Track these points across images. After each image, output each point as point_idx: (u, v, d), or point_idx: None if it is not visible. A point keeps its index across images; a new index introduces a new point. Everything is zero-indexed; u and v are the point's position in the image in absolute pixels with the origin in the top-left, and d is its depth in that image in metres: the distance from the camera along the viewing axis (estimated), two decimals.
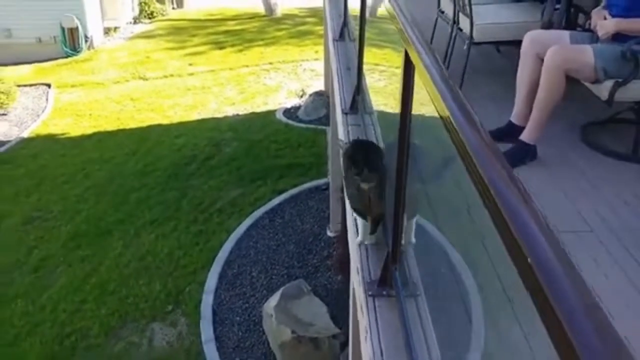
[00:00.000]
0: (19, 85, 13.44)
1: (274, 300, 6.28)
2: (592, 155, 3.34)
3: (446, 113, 1.26)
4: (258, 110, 11.79)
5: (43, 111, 12.66)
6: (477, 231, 2.95)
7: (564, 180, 3.11)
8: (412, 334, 1.98)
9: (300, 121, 11.00)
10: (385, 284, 2.17)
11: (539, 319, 0.75)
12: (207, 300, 6.77)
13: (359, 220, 2.43)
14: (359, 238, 2.42)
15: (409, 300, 2.13)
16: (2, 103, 12.53)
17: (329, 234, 7.77)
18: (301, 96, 11.90)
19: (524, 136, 3.29)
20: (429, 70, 1.50)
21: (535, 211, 0.88)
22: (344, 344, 5.43)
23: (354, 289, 2.72)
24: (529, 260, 0.79)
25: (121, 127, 11.69)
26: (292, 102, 11.85)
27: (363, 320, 2.14)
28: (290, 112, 11.47)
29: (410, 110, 1.76)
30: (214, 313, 6.60)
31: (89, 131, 11.66)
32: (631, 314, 2.16)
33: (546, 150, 3.33)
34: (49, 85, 13.68)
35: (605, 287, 2.26)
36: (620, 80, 3.04)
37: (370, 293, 2.16)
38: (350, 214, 2.65)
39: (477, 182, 1.03)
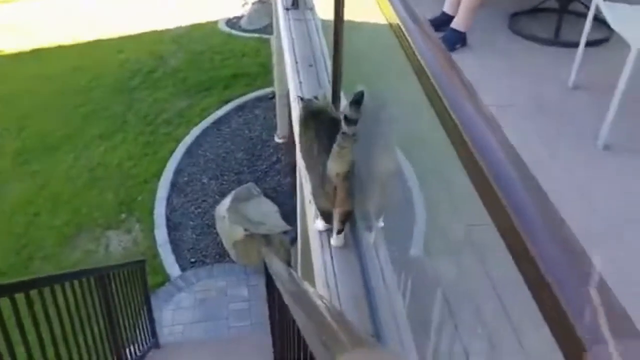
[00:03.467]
0: None
1: (225, 203, 6.48)
2: (518, 40, 3.57)
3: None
4: (200, 21, 11.63)
5: None
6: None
7: (491, 62, 3.35)
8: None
9: (244, 31, 10.94)
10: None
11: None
12: (160, 207, 6.95)
13: (318, 222, 2.16)
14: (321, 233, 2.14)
15: None
16: None
17: (277, 140, 7.94)
18: (243, 5, 11.75)
19: (455, 24, 3.49)
20: None
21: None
22: (295, 239, 5.71)
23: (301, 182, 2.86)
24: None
25: (61, 43, 11.41)
26: (235, 11, 11.70)
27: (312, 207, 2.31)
28: (233, 22, 11.36)
29: None
30: (167, 219, 6.80)
31: (29, 48, 11.35)
32: (546, 169, 2.44)
33: (476, 37, 3.55)
34: None
35: (524, 149, 2.53)
36: None
37: None
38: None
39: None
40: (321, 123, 1.98)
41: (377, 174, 2.16)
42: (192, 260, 6.34)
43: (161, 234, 6.61)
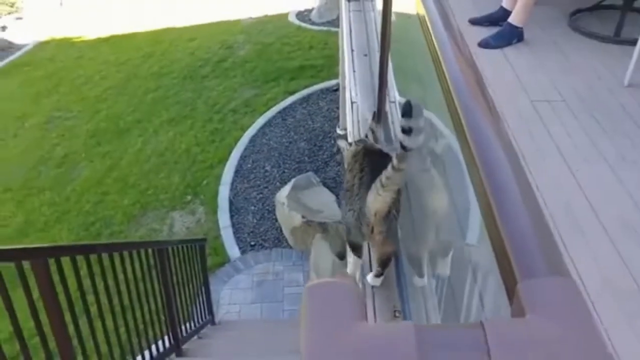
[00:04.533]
0: None
1: (285, 190, 6.65)
2: (577, 37, 3.57)
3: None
4: (271, 13, 11.85)
5: (57, 14, 12.80)
6: None
7: (547, 58, 3.36)
8: None
9: (313, 23, 11.09)
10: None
11: None
12: (224, 192, 7.18)
13: (351, 259, 2.02)
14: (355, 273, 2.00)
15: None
16: (13, 3, 12.70)
17: (339, 132, 8.04)
18: None
19: (511, 19, 3.52)
20: None
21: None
22: None
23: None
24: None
25: (136, 30, 11.85)
26: (306, 4, 11.86)
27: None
28: (303, 15, 11.53)
29: None
30: (230, 203, 7.02)
31: (105, 35, 11.83)
32: (589, 165, 2.47)
33: (534, 33, 3.57)
34: None
35: (568, 144, 2.56)
36: None
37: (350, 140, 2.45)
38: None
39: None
40: (371, 160, 1.84)
41: (428, 214, 2.01)
42: (252, 243, 6.54)
43: (224, 217, 6.84)
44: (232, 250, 6.44)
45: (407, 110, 1.54)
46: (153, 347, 3.48)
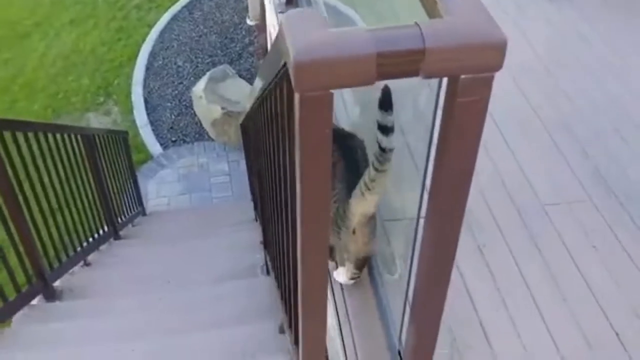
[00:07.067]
0: None
1: (202, 84, 6.62)
2: None
3: None
4: None
5: None
6: None
7: None
8: None
9: None
10: (291, 3, 2.55)
11: None
12: (137, 90, 7.08)
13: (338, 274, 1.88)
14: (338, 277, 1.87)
15: None
16: None
17: (249, 22, 7.96)
18: None
19: None
20: None
21: None
22: None
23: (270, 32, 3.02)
24: None
25: None
26: None
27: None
28: None
29: None
30: (145, 101, 6.95)
31: None
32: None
33: None
34: None
35: None
36: None
37: (279, 11, 2.55)
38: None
39: None
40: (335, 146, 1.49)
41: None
42: (173, 139, 6.56)
43: (140, 115, 6.78)
44: (154, 147, 6.45)
45: (387, 100, 1.35)
46: (95, 235, 3.58)
